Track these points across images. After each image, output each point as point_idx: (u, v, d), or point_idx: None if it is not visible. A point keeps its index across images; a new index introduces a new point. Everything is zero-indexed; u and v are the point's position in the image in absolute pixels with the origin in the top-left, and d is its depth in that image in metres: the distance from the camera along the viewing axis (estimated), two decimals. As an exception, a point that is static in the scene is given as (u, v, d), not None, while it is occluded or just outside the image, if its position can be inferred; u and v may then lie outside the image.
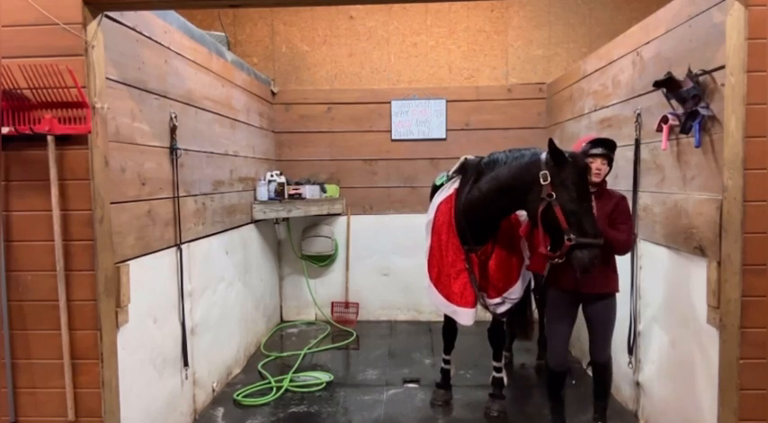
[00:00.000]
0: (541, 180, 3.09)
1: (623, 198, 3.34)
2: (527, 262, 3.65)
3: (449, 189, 3.79)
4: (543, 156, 3.16)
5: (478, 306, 3.67)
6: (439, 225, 3.73)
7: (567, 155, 3.08)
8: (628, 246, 3.28)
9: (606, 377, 3.41)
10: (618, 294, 3.32)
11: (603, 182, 3.31)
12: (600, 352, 3.33)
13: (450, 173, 3.83)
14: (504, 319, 3.99)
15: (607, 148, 3.28)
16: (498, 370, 3.97)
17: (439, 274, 3.73)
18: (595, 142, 3.29)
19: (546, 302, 3.58)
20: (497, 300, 3.69)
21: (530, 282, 3.94)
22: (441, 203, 3.76)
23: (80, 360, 2.63)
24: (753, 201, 2.53)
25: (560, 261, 3.12)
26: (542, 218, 3.13)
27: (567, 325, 3.37)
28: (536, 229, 3.24)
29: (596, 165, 3.23)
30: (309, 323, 6.18)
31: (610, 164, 3.29)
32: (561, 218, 3.03)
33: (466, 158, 3.77)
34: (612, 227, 3.23)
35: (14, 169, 2.59)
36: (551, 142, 3.11)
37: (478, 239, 3.61)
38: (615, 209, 3.28)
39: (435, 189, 4.05)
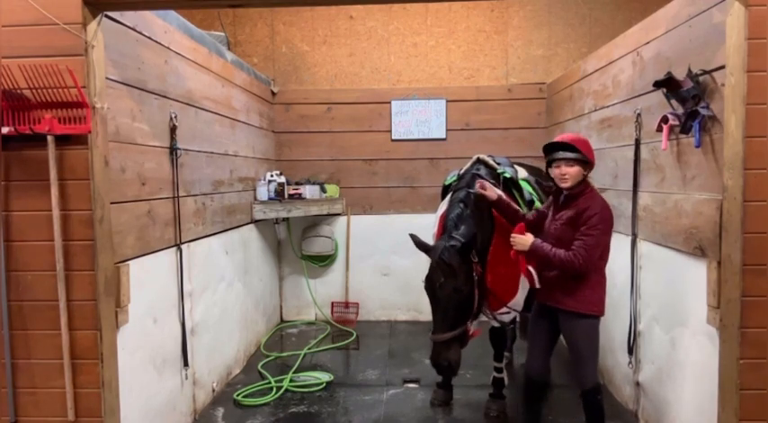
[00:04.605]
0: None
1: (593, 208, 2.92)
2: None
3: (448, 201, 3.76)
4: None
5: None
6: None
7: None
8: (573, 265, 2.87)
9: (595, 405, 3.06)
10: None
11: (584, 185, 3.02)
12: (580, 378, 3.08)
13: (462, 172, 3.82)
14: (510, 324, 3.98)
15: (562, 150, 2.99)
16: (499, 370, 3.97)
17: None
18: (548, 147, 3.06)
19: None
20: (503, 309, 3.62)
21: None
22: (441, 216, 3.74)
23: (80, 360, 2.63)
24: (753, 201, 2.53)
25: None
26: None
27: (540, 336, 3.22)
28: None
29: (560, 170, 2.98)
30: (309, 323, 6.18)
31: (581, 164, 2.97)
32: None
33: (479, 158, 3.78)
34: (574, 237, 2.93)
35: (14, 169, 2.59)
36: (413, 237, 3.40)
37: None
38: (578, 218, 2.94)
39: (445, 189, 4.04)
